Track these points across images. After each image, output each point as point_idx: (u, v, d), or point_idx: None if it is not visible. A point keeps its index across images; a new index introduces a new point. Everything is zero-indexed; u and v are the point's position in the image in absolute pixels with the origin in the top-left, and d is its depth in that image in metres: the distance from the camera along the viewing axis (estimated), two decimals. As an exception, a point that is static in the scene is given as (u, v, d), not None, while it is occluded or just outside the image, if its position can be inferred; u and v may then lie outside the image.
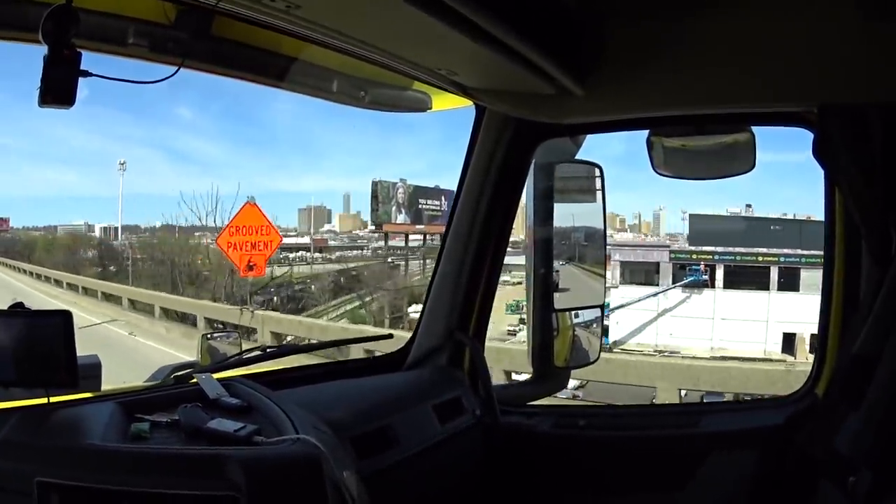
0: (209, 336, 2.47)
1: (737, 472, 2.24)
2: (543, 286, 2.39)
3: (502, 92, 2.12)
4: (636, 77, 2.01)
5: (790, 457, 2.12)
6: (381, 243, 28.23)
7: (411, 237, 27.49)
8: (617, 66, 2.00)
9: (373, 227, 28.26)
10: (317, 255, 28.38)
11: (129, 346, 14.23)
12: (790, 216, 25.34)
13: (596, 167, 2.40)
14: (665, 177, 2.26)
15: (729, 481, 2.25)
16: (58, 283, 23.60)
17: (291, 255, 27.85)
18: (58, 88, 1.52)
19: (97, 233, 28.54)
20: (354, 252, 28.77)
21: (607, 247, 2.65)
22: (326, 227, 28.97)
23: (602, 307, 2.51)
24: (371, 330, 14.24)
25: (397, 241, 27.98)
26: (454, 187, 2.46)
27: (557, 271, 2.39)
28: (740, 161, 2.22)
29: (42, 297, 19.27)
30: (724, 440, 2.28)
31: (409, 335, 2.52)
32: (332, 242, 29.23)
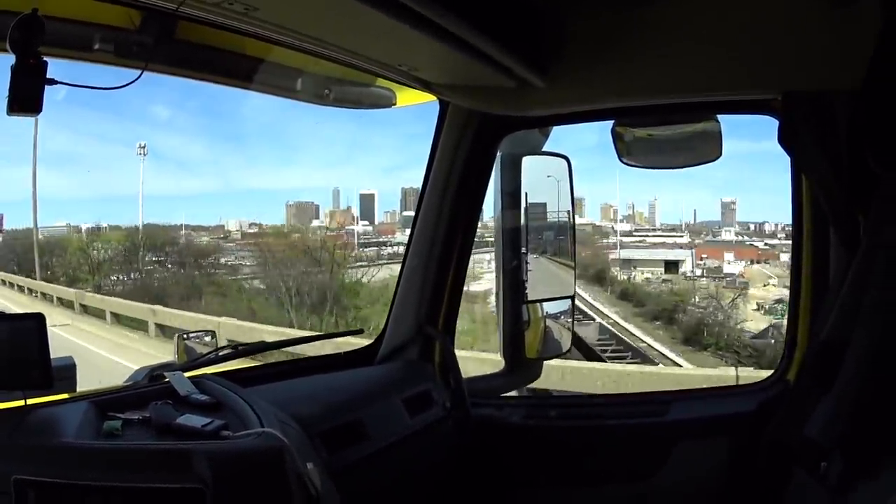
0: (185, 336, 2.54)
1: (709, 460, 2.33)
2: (513, 278, 2.47)
3: (464, 87, 2.21)
4: (598, 67, 2.09)
5: (762, 443, 2.19)
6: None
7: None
8: (578, 57, 2.08)
9: (366, 222, 27.02)
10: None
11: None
12: None
13: (563, 159, 2.49)
14: (631, 166, 2.34)
15: (702, 469, 2.33)
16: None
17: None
18: (24, 97, 1.58)
19: (84, 235, 25.90)
20: (389, 250, 25.36)
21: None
22: (315, 222, 27.01)
23: (573, 298, 2.59)
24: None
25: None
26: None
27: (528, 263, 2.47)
28: (707, 150, 2.31)
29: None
30: (695, 428, 2.37)
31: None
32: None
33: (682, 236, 24.29)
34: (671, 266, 21.80)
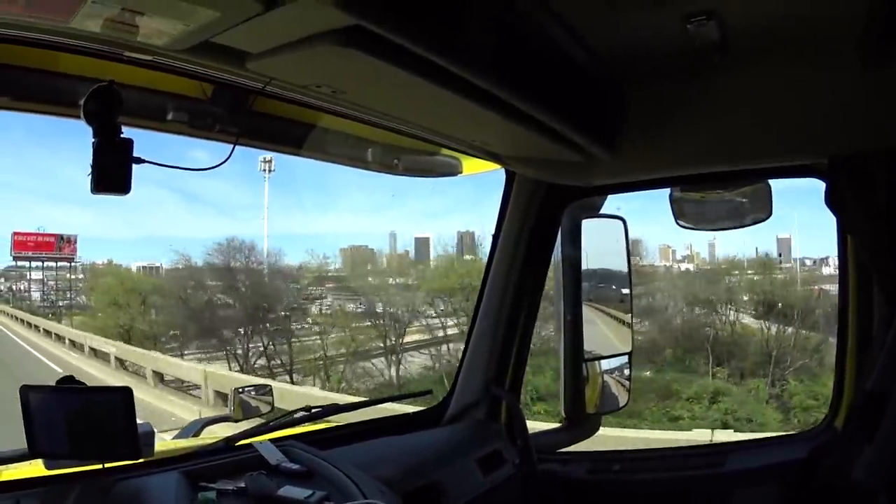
0: (241, 390, 2.47)
1: None
2: (573, 336, 2.45)
3: (533, 159, 2.21)
4: (657, 139, 2.10)
5: (812, 489, 2.19)
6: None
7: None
8: (640, 130, 2.09)
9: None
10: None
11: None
12: None
13: (620, 220, 2.48)
14: (686, 228, 2.32)
15: None
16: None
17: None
18: (111, 176, 1.53)
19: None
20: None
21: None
22: (370, 267, 24.82)
23: (630, 354, 2.57)
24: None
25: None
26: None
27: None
28: (757, 210, 2.31)
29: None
30: (750, 477, 2.35)
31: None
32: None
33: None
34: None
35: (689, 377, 17.39)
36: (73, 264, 21.87)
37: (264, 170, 21.10)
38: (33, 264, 21.71)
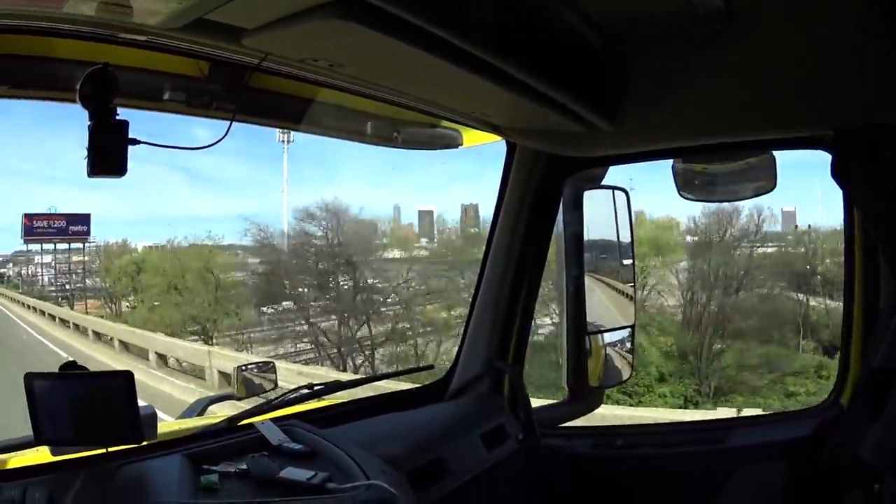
0: (244, 367, 2.47)
1: (768, 484, 2.31)
2: (576, 309, 2.44)
3: (534, 131, 2.19)
4: (661, 110, 2.06)
5: (818, 466, 2.19)
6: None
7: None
8: (642, 100, 2.05)
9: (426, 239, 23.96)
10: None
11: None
12: None
13: (623, 192, 2.47)
14: (689, 200, 2.30)
15: (761, 492, 2.31)
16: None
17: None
18: (107, 159, 1.52)
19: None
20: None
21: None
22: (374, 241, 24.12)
23: (633, 327, 2.57)
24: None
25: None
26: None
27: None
28: (762, 182, 2.29)
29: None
30: (755, 453, 2.35)
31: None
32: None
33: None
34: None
35: (784, 351, 17.39)
36: (86, 245, 20.67)
37: (283, 140, 20.20)
38: (45, 247, 20.73)
